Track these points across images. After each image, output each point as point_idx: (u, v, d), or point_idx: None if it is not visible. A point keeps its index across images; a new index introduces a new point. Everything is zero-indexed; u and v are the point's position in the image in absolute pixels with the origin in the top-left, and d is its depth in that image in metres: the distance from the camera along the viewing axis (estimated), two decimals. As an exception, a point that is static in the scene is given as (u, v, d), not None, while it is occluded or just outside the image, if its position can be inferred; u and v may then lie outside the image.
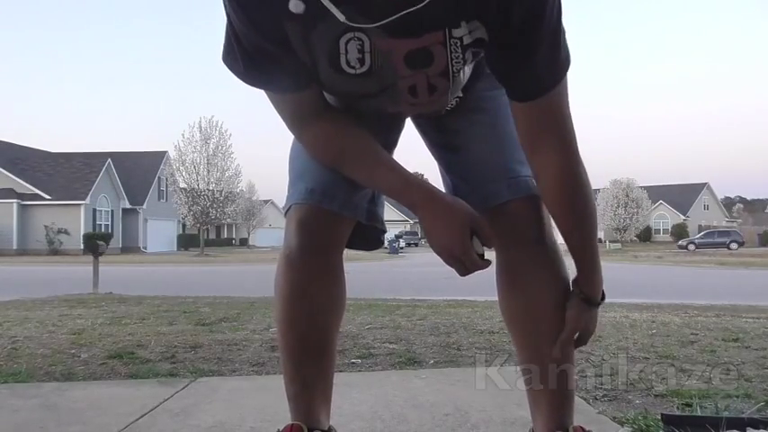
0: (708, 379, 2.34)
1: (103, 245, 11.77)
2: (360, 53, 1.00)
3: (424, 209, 1.09)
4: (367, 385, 2.27)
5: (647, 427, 1.66)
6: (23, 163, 35.09)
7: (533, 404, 1.23)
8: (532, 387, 1.22)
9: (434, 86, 1.07)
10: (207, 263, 24.47)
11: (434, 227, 1.08)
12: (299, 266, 1.18)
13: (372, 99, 1.10)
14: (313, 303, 1.20)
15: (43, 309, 5.52)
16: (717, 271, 17.93)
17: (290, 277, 1.20)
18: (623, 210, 46.86)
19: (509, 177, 1.20)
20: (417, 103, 1.10)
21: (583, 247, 1.15)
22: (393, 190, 1.11)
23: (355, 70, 1.02)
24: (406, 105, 1.12)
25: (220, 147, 35.17)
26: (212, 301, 6.42)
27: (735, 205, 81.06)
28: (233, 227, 55.52)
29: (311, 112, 1.10)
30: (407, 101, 1.10)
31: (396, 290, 7.99)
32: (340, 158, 1.13)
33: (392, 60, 1.01)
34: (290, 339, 1.23)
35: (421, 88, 1.07)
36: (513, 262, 1.23)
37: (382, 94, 1.08)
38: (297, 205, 1.19)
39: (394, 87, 1.07)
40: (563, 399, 1.20)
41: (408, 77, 1.04)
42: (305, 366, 1.23)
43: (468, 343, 3.25)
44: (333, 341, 1.28)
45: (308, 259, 1.19)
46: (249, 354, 3.00)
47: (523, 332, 1.25)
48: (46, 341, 3.46)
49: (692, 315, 4.91)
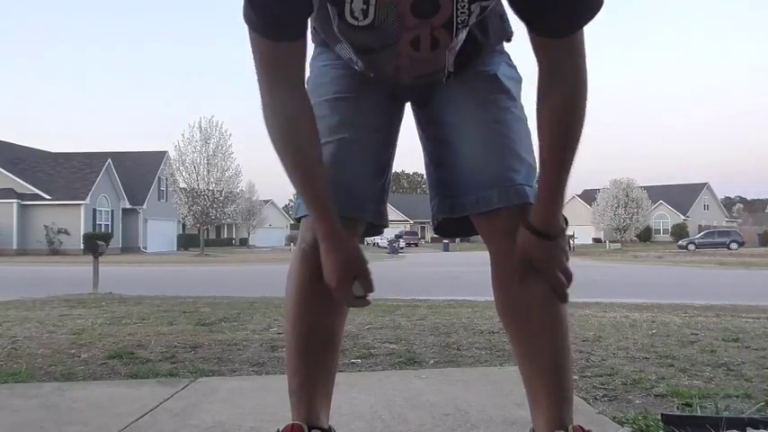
0: (708, 379, 2.34)
1: (103, 245, 11.77)
2: (364, 4, 1.04)
3: (322, 242, 1.16)
4: (367, 385, 2.27)
5: (647, 427, 1.66)
6: (23, 163, 35.10)
7: (533, 403, 1.22)
8: (531, 386, 1.22)
9: (437, 40, 1.10)
10: (207, 263, 24.47)
11: (326, 262, 1.16)
12: (314, 258, 1.19)
13: (371, 54, 1.14)
14: (324, 295, 1.20)
15: (43, 309, 5.52)
16: (717, 271, 17.93)
17: (304, 269, 1.22)
18: (623, 210, 46.84)
19: (502, 185, 1.20)
20: (419, 57, 1.14)
21: (560, 180, 1.15)
22: (310, 207, 1.17)
23: (358, 21, 1.06)
24: (406, 59, 1.15)
25: (220, 147, 35.20)
26: (212, 301, 6.42)
27: (735, 205, 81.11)
28: (233, 227, 55.53)
29: (291, 70, 1.11)
30: (408, 54, 1.13)
31: (396, 290, 7.99)
32: (293, 142, 1.14)
33: (399, 10, 1.04)
34: (299, 329, 1.25)
35: (424, 41, 1.10)
36: (507, 267, 1.22)
37: (383, 51, 1.13)
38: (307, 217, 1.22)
39: (395, 46, 1.11)
40: (562, 398, 1.19)
41: (412, 29, 1.08)
42: (310, 358, 1.24)
43: (468, 343, 3.25)
44: (338, 338, 1.31)
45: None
46: (249, 354, 3.00)
47: (520, 332, 1.25)
48: (46, 341, 3.46)
49: (692, 315, 4.91)
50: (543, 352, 1.20)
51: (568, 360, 1.22)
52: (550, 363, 1.19)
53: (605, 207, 47.47)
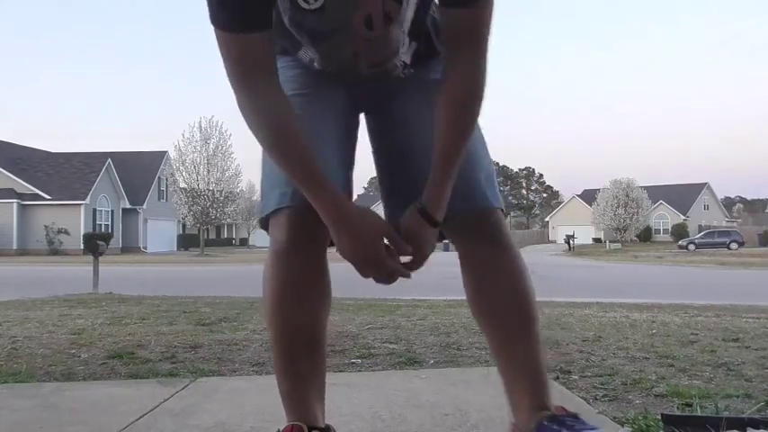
0: (708, 379, 2.34)
1: (103, 245, 11.76)
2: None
3: (336, 223, 1.13)
4: (367, 385, 2.27)
5: (647, 427, 1.66)
6: (23, 163, 35.10)
7: (513, 398, 1.24)
8: (510, 381, 1.25)
9: (389, 15, 1.13)
10: (207, 263, 24.47)
11: (346, 251, 1.13)
12: (286, 260, 1.20)
13: (327, 41, 1.17)
14: (301, 294, 1.21)
15: (43, 309, 5.52)
16: (717, 271, 17.93)
17: (278, 271, 1.22)
18: (623, 210, 46.86)
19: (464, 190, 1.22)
20: (373, 37, 1.15)
21: (452, 159, 1.17)
22: (310, 192, 1.12)
23: (309, 5, 1.10)
24: (361, 43, 1.17)
25: (220, 147, 35.17)
26: (212, 301, 6.42)
27: (735, 205, 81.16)
28: (233, 227, 55.52)
29: (264, 66, 1.10)
30: (363, 36, 1.15)
31: (396, 290, 7.98)
32: (279, 132, 1.13)
33: None
34: (282, 332, 1.24)
35: (376, 17, 1.12)
36: (476, 268, 1.28)
37: (336, 35, 1.15)
38: (278, 210, 1.21)
39: (348, 29, 1.13)
40: (539, 381, 1.22)
41: (364, 7, 1.11)
42: (298, 359, 1.24)
43: (468, 343, 3.25)
44: (323, 335, 1.28)
45: (295, 253, 1.20)
46: (249, 354, 3.00)
47: (495, 332, 1.28)
48: (46, 341, 3.46)
49: (692, 315, 4.91)
50: (519, 350, 1.23)
51: (543, 351, 1.26)
52: (527, 359, 1.23)
53: (605, 207, 47.48)
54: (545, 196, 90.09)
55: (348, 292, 4.67)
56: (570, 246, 40.30)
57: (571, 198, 64.54)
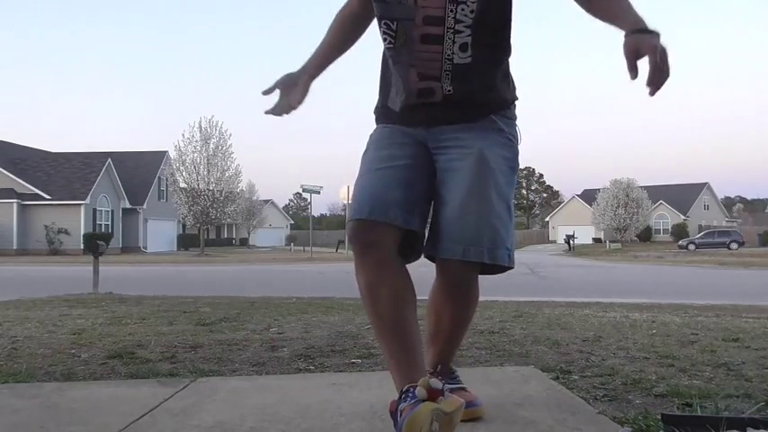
0: (708, 379, 2.34)
1: (103, 245, 11.74)
2: None
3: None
4: (367, 385, 2.27)
5: (647, 427, 1.66)
6: (23, 163, 35.09)
7: (429, 344, 1.82)
8: (430, 342, 1.81)
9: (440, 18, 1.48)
10: (207, 263, 24.48)
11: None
12: (361, 267, 1.55)
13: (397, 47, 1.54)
14: (380, 293, 1.55)
15: (43, 309, 5.52)
16: (717, 271, 17.93)
17: (359, 277, 1.56)
18: (623, 210, 46.84)
19: (469, 244, 1.54)
20: (425, 50, 1.51)
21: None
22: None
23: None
24: (417, 51, 1.52)
25: (220, 147, 35.10)
26: (212, 301, 6.41)
27: (735, 205, 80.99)
28: (233, 227, 55.51)
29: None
30: (420, 32, 1.49)
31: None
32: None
33: None
34: (374, 320, 1.59)
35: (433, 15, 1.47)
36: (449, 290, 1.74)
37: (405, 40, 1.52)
38: (349, 222, 1.58)
39: (412, 25, 1.49)
40: (451, 344, 1.84)
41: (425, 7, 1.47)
42: (393, 345, 1.55)
43: (468, 343, 3.25)
44: (410, 321, 1.60)
45: (366, 261, 1.54)
46: (249, 354, 3.00)
47: (437, 321, 1.81)
48: (46, 341, 3.46)
49: (692, 315, 4.91)
50: (447, 334, 1.80)
51: (464, 335, 1.89)
52: (451, 337, 1.82)
53: (605, 207, 47.46)
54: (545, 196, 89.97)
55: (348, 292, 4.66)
56: (570, 246, 40.29)
57: (571, 198, 64.52)
